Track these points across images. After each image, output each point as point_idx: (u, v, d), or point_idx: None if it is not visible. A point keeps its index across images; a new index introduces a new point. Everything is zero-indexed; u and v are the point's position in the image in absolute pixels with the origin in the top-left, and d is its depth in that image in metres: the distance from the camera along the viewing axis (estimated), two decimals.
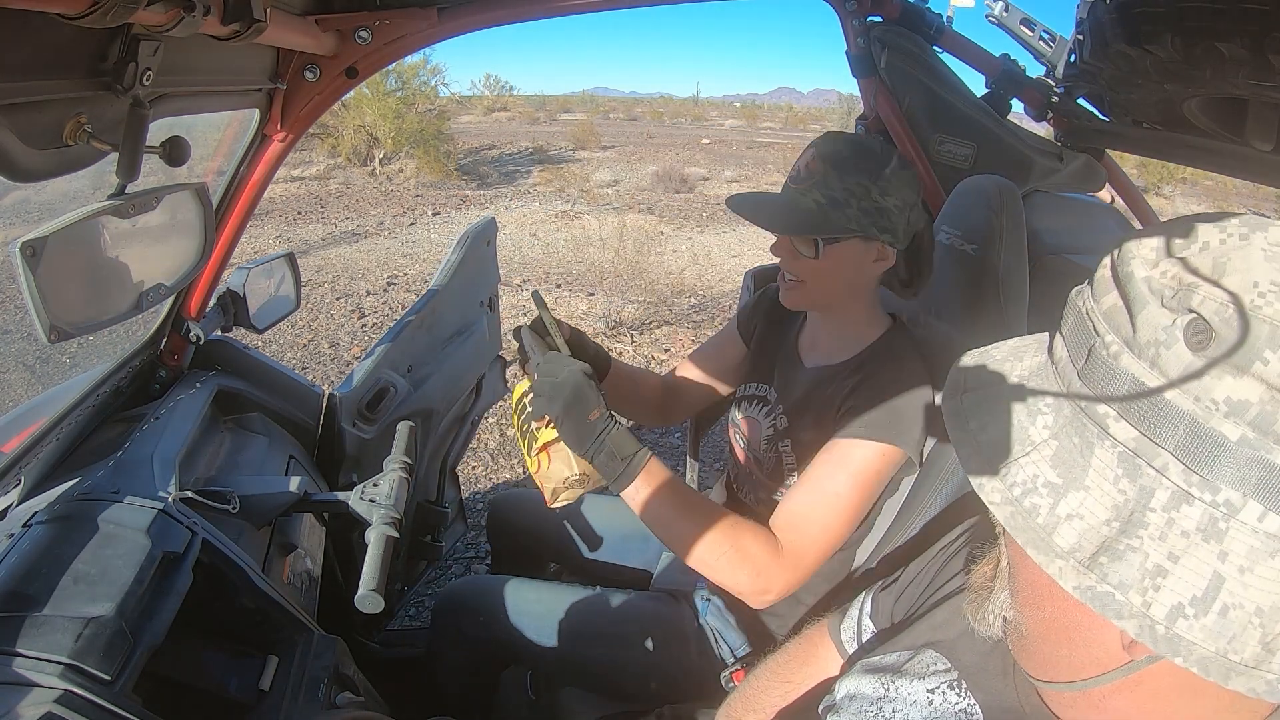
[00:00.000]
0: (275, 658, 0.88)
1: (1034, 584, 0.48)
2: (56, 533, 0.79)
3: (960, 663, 0.62)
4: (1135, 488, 0.39)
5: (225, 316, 1.33)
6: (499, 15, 1.19)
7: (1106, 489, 0.40)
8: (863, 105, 1.63)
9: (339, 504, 1.07)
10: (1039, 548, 0.41)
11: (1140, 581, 0.39)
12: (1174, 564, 0.38)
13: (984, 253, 1.13)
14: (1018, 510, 0.43)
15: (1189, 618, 0.38)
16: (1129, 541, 0.39)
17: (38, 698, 0.61)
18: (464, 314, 1.74)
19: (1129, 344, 0.40)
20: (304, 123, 1.20)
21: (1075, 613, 0.46)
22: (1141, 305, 0.39)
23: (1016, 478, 0.43)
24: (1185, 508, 0.38)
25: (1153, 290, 0.39)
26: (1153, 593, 0.38)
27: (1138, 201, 1.67)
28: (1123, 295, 0.41)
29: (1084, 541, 0.40)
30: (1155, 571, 0.38)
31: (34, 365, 3.89)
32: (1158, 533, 0.38)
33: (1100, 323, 0.42)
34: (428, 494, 1.74)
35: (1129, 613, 0.39)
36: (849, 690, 0.70)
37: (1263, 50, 0.86)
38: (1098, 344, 0.41)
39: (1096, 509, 0.40)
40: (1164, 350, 0.38)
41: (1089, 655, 0.47)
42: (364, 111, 10.62)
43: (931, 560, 0.77)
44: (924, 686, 0.63)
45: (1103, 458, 0.41)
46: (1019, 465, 0.43)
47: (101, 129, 0.72)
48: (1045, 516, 0.42)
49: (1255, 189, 11.18)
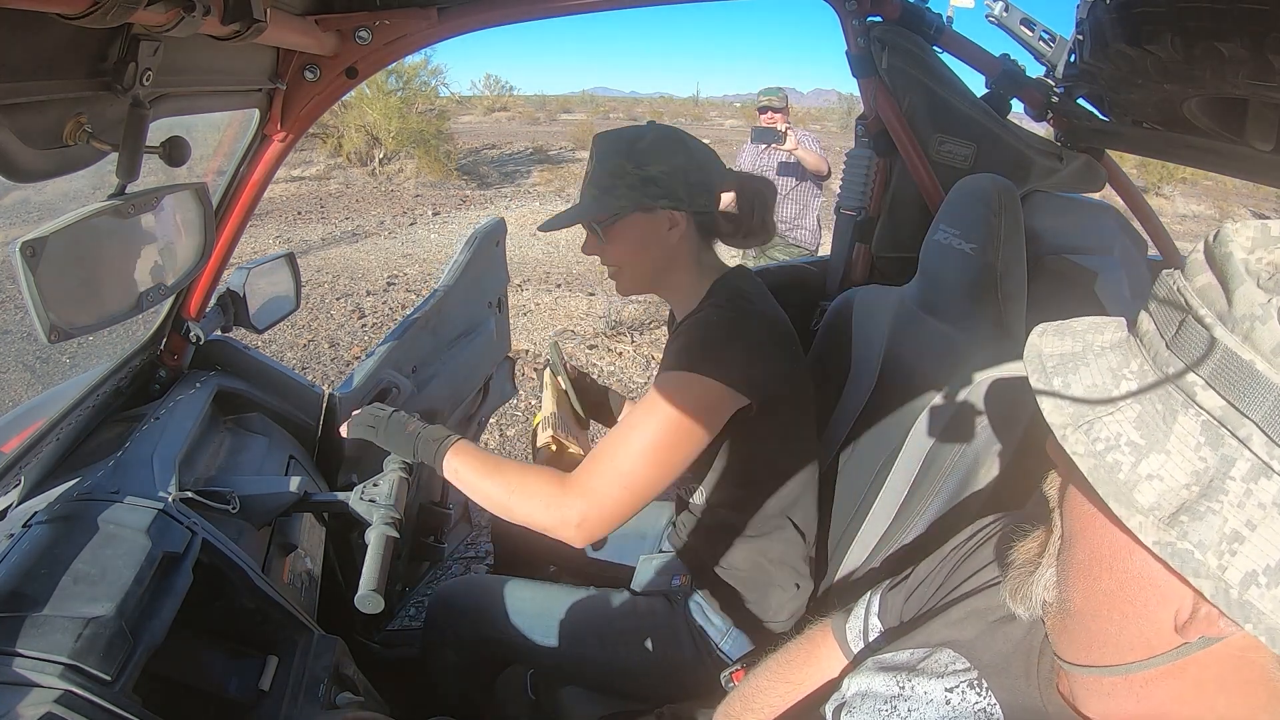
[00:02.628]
0: (275, 658, 0.88)
1: (1095, 553, 0.48)
2: (56, 533, 0.79)
3: (980, 662, 0.62)
4: (1216, 456, 0.40)
5: (225, 316, 1.33)
6: (499, 15, 1.19)
7: (1188, 455, 0.41)
8: (863, 105, 1.63)
9: (339, 504, 1.07)
10: (1121, 500, 0.42)
11: (1218, 545, 0.40)
12: (1251, 531, 0.39)
13: (982, 252, 1.13)
14: (1100, 464, 0.43)
15: (1261, 586, 0.39)
16: (1209, 504, 0.40)
17: (38, 698, 0.61)
18: (471, 314, 1.73)
19: (1223, 318, 0.41)
20: (304, 123, 1.20)
21: (1134, 585, 0.46)
22: (1239, 282, 0.40)
23: (1100, 434, 0.44)
24: (1264, 480, 0.39)
25: (1250, 271, 0.41)
26: (1229, 557, 0.39)
27: (1138, 201, 1.67)
28: (1219, 274, 0.42)
29: (1163, 501, 0.41)
30: (1233, 537, 0.39)
31: (34, 365, 3.89)
32: (1236, 500, 0.40)
33: (1193, 298, 0.43)
34: (431, 495, 1.74)
35: (1206, 572, 0.40)
36: (861, 688, 0.69)
37: (1263, 50, 0.86)
38: (1190, 316, 0.42)
39: (1177, 473, 0.41)
40: (1259, 325, 0.39)
41: (1139, 635, 0.47)
42: (365, 111, 10.62)
43: (944, 559, 0.77)
44: (942, 685, 0.62)
45: (1186, 424, 0.42)
46: (1103, 423, 0.44)
47: (101, 129, 0.73)
48: (1127, 473, 0.43)
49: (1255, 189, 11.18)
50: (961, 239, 1.16)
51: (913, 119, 1.52)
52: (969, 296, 1.15)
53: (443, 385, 1.62)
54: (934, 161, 1.53)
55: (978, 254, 1.13)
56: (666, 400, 0.97)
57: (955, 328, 1.17)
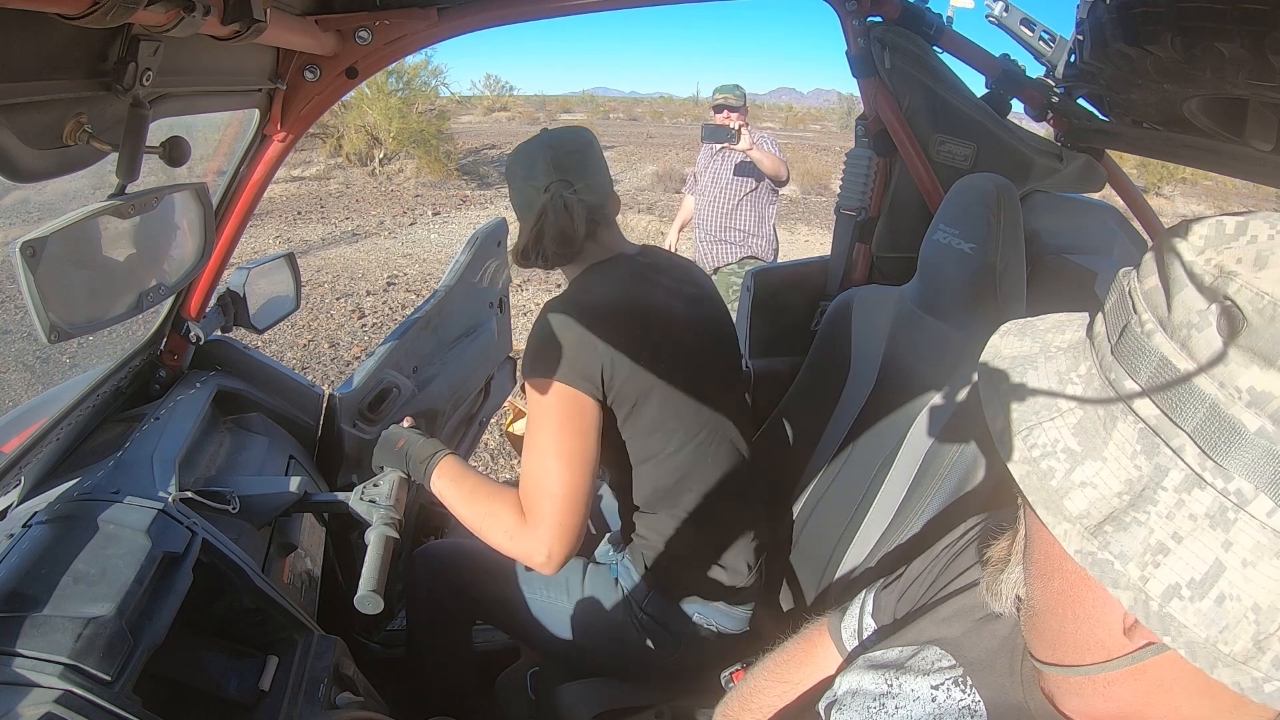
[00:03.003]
0: (275, 658, 0.88)
1: (1046, 554, 0.49)
2: (56, 533, 0.79)
3: (965, 659, 0.63)
4: (1151, 465, 0.40)
5: (225, 316, 1.33)
6: (499, 15, 1.19)
7: (1123, 463, 0.41)
8: (863, 105, 1.63)
9: (339, 504, 1.07)
10: (1049, 508, 0.42)
11: (1141, 555, 0.39)
12: (1176, 544, 0.38)
13: (981, 252, 1.13)
14: (1033, 470, 0.43)
15: (1184, 599, 0.38)
16: (1135, 515, 0.40)
17: (38, 698, 0.61)
18: (473, 314, 1.73)
19: (1163, 324, 0.40)
20: (304, 123, 1.20)
21: (1081, 587, 0.46)
22: (1180, 287, 0.40)
23: (1038, 440, 0.44)
24: (1197, 491, 0.38)
25: (1192, 275, 0.40)
26: (1152, 569, 0.39)
27: (1138, 201, 1.67)
28: (1163, 277, 0.41)
29: (1093, 509, 0.41)
30: (1157, 548, 0.39)
31: (34, 365, 3.89)
32: (1166, 511, 0.39)
33: (1139, 301, 0.42)
34: (431, 495, 1.74)
35: (1125, 584, 0.39)
36: (851, 686, 0.70)
37: (1263, 50, 0.86)
38: (1133, 321, 0.42)
39: (1110, 480, 0.41)
40: (1195, 333, 0.38)
41: (1093, 636, 0.47)
42: (365, 111, 10.62)
43: (935, 559, 0.77)
44: (928, 683, 0.63)
45: (1124, 432, 0.41)
46: (1042, 428, 0.44)
47: (101, 129, 0.72)
48: (1060, 480, 0.42)
49: (1255, 189, 11.18)
50: (961, 239, 1.16)
51: (913, 119, 1.52)
52: (968, 296, 1.15)
53: (443, 385, 1.61)
54: (934, 161, 1.53)
55: (977, 254, 1.13)
56: (535, 408, 1.04)
57: (955, 327, 1.17)
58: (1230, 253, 0.40)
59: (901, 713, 0.63)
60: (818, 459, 1.37)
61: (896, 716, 0.63)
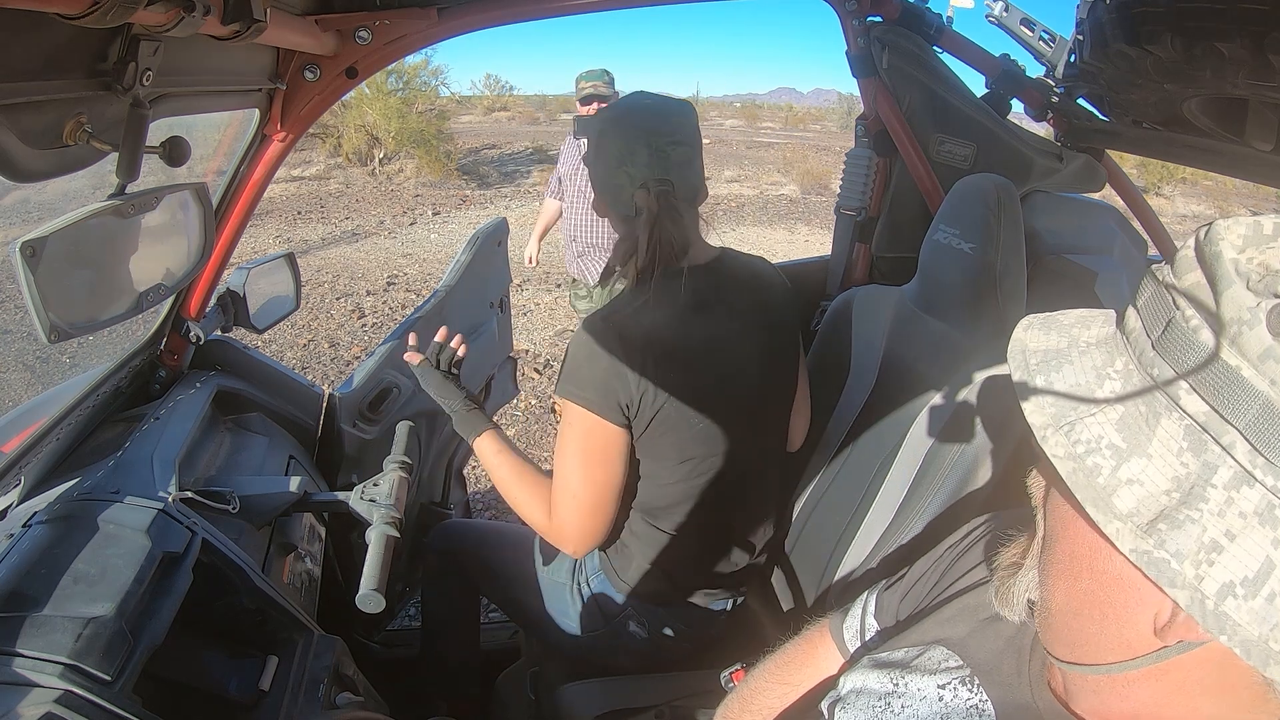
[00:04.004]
0: (275, 658, 0.88)
1: (1074, 553, 0.48)
2: (56, 533, 0.79)
3: (972, 659, 0.62)
4: (1199, 462, 0.40)
5: (225, 316, 1.33)
6: (499, 15, 1.19)
7: (1169, 460, 0.40)
8: (863, 105, 1.63)
9: (339, 504, 1.07)
10: (1099, 506, 0.41)
11: (1195, 554, 0.39)
12: (1230, 542, 0.38)
13: (981, 252, 1.13)
14: (1079, 467, 0.43)
15: (1238, 597, 0.38)
16: (1189, 513, 0.39)
17: (38, 698, 0.61)
18: (473, 314, 1.73)
19: (1209, 320, 0.40)
20: (304, 123, 1.20)
21: (1113, 587, 0.46)
22: (1228, 284, 0.39)
23: (1081, 435, 0.43)
24: (1246, 489, 0.38)
25: (1239, 272, 0.40)
26: (1206, 567, 0.39)
27: (1138, 201, 1.67)
28: (1208, 274, 0.41)
29: (1142, 507, 0.41)
30: (1211, 546, 0.39)
31: (34, 365, 3.89)
32: (1217, 509, 0.39)
33: (1180, 297, 0.42)
34: (433, 495, 1.74)
35: (1182, 582, 0.39)
36: (855, 685, 0.69)
37: (1263, 50, 0.86)
38: (1177, 316, 0.41)
39: (1158, 478, 0.41)
40: (1246, 329, 0.38)
41: (1119, 636, 0.47)
42: (365, 111, 10.61)
43: (939, 559, 0.77)
44: (934, 682, 0.63)
45: (1168, 429, 0.41)
46: (1084, 424, 0.43)
47: (101, 129, 0.72)
48: (1107, 477, 0.42)
49: (1255, 189, 11.17)
50: (961, 239, 1.16)
51: (912, 119, 1.52)
52: (969, 296, 1.15)
53: None
54: (934, 161, 1.53)
55: (977, 254, 1.13)
56: (566, 424, 1.07)
57: (955, 327, 1.17)
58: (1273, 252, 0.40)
59: (908, 712, 0.63)
60: (818, 459, 1.37)
61: (902, 715, 0.63)
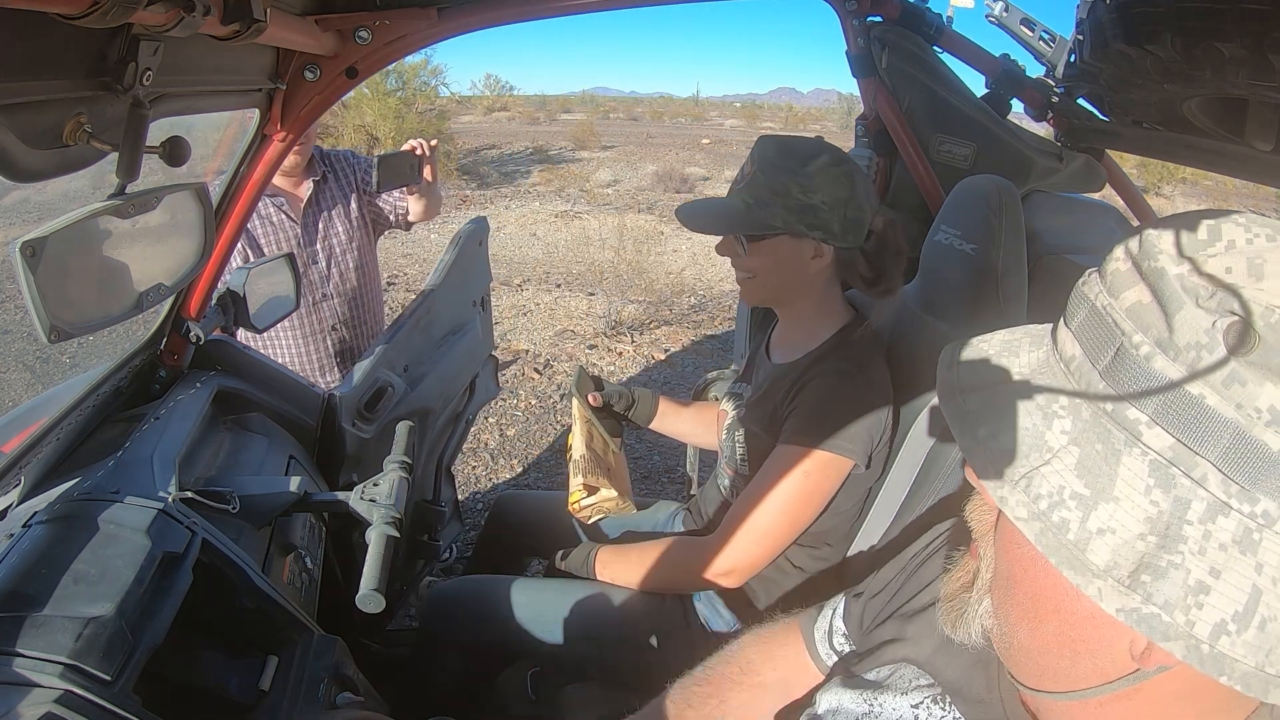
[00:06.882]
0: (275, 658, 0.88)
1: (1037, 597, 0.45)
2: (56, 533, 0.78)
3: (942, 677, 0.61)
4: (1169, 499, 0.37)
5: (225, 316, 1.33)
6: (499, 15, 1.19)
7: (1137, 500, 0.38)
8: (863, 105, 1.63)
9: (339, 504, 1.07)
10: (1074, 568, 0.39)
11: (1184, 600, 0.37)
12: (1216, 579, 0.36)
13: (983, 253, 1.13)
14: (1047, 526, 0.40)
15: (1231, 634, 0.36)
16: (1170, 557, 0.37)
17: (38, 698, 0.61)
18: (458, 313, 1.74)
19: (1163, 346, 0.38)
20: (304, 123, 1.20)
21: (1083, 626, 0.44)
22: (1177, 305, 0.37)
23: (1041, 489, 0.40)
24: (1221, 519, 0.36)
25: (1186, 289, 0.37)
26: (1196, 610, 0.37)
27: (1138, 201, 1.67)
28: (1154, 293, 0.38)
29: (1119, 558, 0.38)
30: (1198, 588, 0.37)
31: (34, 365, 3.89)
32: (1197, 547, 0.37)
33: (1124, 320, 0.39)
34: (424, 493, 1.74)
35: (1175, 633, 0.37)
36: (831, 704, 0.68)
37: (1263, 50, 0.86)
38: (1125, 343, 0.39)
39: (1129, 522, 0.38)
40: (1205, 354, 0.36)
41: (1093, 667, 0.45)
42: (364, 111, 10.61)
43: (903, 567, 0.76)
44: (908, 702, 0.62)
45: (1132, 466, 0.38)
46: (1041, 475, 0.41)
47: (101, 129, 0.72)
48: (1076, 531, 0.39)
49: (1255, 189, 11.17)
50: (962, 239, 1.16)
51: (913, 119, 1.52)
52: (969, 297, 1.15)
53: (433, 384, 1.62)
54: (934, 161, 1.53)
55: (978, 254, 1.13)
56: (803, 473, 1.05)
57: (956, 328, 1.17)
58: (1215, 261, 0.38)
59: None
60: None
61: None
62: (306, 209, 1.95)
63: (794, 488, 1.05)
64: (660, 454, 3.16)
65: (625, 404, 1.46)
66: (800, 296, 1.15)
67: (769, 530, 1.07)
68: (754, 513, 1.06)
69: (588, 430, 1.39)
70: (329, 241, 1.99)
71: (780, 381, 1.14)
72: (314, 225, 1.96)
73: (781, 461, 1.05)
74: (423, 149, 1.73)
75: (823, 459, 1.04)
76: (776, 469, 1.06)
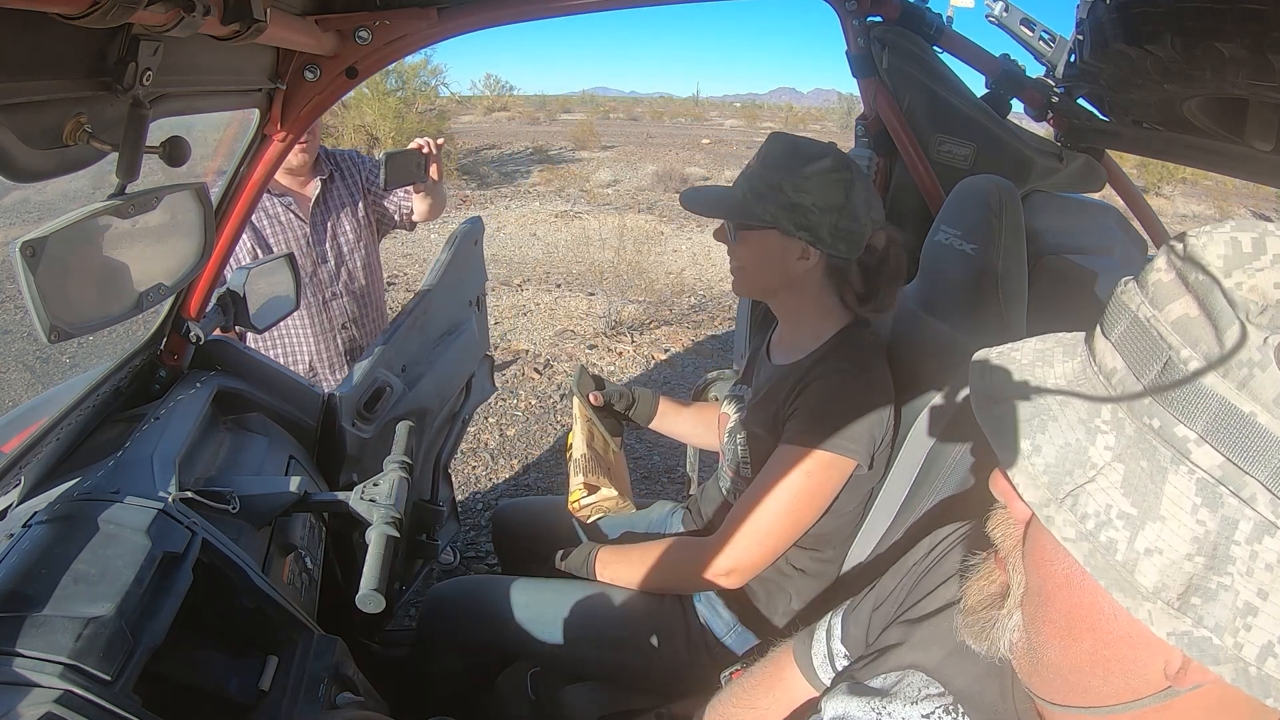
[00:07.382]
0: (275, 658, 0.88)
1: (1071, 616, 0.44)
2: (56, 533, 0.78)
3: (954, 686, 0.60)
4: (1216, 518, 0.36)
5: (225, 316, 1.33)
6: (499, 15, 1.19)
7: (1184, 519, 0.37)
8: (863, 105, 1.63)
9: (339, 504, 1.07)
10: (1124, 590, 0.38)
11: (1232, 622, 0.36)
12: (1264, 601, 0.36)
13: (983, 253, 1.13)
14: (1096, 547, 0.39)
15: (1277, 655, 0.36)
16: (1220, 579, 0.36)
17: (38, 698, 0.61)
18: (454, 313, 1.74)
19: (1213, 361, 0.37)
20: (304, 123, 1.20)
21: (1120, 645, 0.43)
22: (1228, 320, 0.36)
23: (1088, 508, 0.39)
24: (1268, 539, 0.36)
25: (1234, 304, 0.36)
26: (1244, 633, 0.36)
27: (1138, 201, 1.67)
28: (1202, 306, 0.37)
29: (1167, 579, 0.37)
30: (1245, 610, 0.36)
31: (34, 365, 3.90)
32: (1245, 568, 0.36)
33: (1170, 334, 0.38)
34: (422, 493, 1.74)
35: (1225, 656, 0.36)
36: (837, 712, 0.68)
37: (1263, 50, 0.86)
38: (1174, 358, 0.38)
39: (1176, 542, 0.37)
40: (1258, 371, 0.35)
41: (1125, 685, 0.44)
42: (364, 111, 10.61)
43: (905, 575, 0.75)
44: (918, 711, 0.61)
45: (1178, 485, 0.37)
46: (1086, 493, 0.40)
47: (101, 129, 0.72)
48: (1124, 552, 0.38)
49: (1255, 189, 11.18)
50: (963, 239, 1.16)
51: (913, 119, 1.52)
52: (970, 297, 1.15)
53: (431, 384, 1.62)
54: (934, 161, 1.53)
55: (979, 255, 1.13)
56: (805, 473, 1.05)
57: (956, 328, 1.17)
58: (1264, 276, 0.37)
59: None
60: None
61: None
62: (314, 208, 1.95)
63: (796, 488, 1.05)
64: (660, 454, 3.16)
65: (626, 403, 1.46)
66: (790, 295, 1.15)
67: (770, 531, 1.07)
68: (755, 513, 1.06)
69: (588, 429, 1.39)
70: (337, 240, 1.99)
71: (782, 383, 1.14)
72: (322, 224, 1.97)
73: (783, 462, 1.05)
74: (429, 147, 1.74)
75: (825, 459, 1.04)
76: (778, 469, 1.06)
